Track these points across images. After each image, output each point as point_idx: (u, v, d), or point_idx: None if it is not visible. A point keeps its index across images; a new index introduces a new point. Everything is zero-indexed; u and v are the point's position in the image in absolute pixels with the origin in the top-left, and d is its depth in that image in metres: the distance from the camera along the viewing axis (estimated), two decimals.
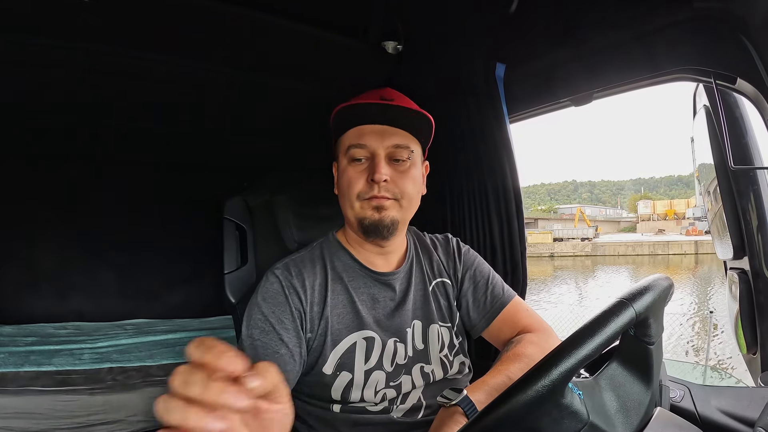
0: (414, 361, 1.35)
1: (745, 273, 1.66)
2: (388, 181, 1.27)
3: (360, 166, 1.30)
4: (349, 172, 1.30)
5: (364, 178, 1.28)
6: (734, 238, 1.64)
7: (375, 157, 1.28)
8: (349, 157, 1.31)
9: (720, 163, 1.65)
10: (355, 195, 1.29)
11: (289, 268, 1.33)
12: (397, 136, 1.30)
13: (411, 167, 1.33)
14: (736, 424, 1.39)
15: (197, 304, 4.21)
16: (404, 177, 1.30)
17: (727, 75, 1.25)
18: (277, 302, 1.25)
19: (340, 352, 1.27)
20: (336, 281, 1.35)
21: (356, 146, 1.29)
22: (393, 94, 1.37)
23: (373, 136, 1.29)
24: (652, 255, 47.07)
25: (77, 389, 2.47)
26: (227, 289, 1.61)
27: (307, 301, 1.28)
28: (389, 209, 1.29)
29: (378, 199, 1.28)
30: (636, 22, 1.42)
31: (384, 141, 1.28)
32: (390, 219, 1.29)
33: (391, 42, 1.92)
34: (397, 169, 1.30)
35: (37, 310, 3.79)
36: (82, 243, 3.99)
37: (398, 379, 1.31)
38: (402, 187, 1.30)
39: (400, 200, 1.31)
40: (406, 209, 1.34)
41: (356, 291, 1.35)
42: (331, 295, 1.32)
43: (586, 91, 1.68)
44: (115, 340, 3.35)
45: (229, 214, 1.66)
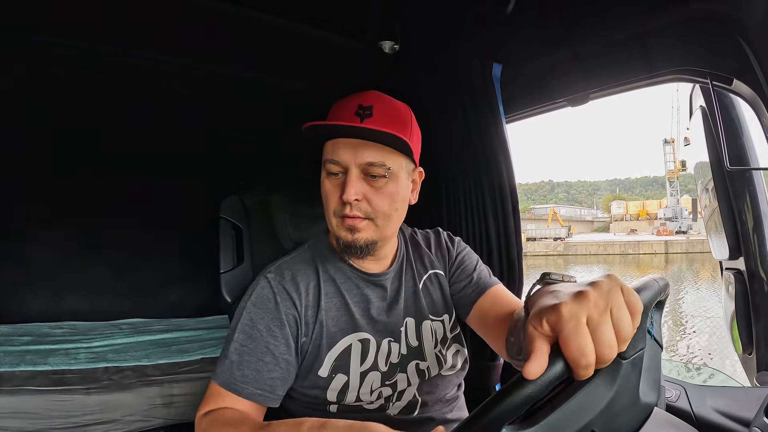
0: (409, 359, 1.35)
1: (741, 273, 1.66)
2: (359, 200, 1.22)
3: (336, 180, 1.25)
4: (326, 186, 1.26)
5: (338, 194, 1.23)
6: (730, 239, 1.64)
7: (347, 174, 1.22)
8: (326, 170, 1.26)
9: (716, 164, 1.66)
10: (331, 211, 1.26)
11: (282, 271, 1.31)
12: (372, 151, 1.21)
13: (388, 183, 1.25)
14: (732, 424, 1.39)
15: (193, 304, 4.20)
16: (379, 194, 1.24)
17: (723, 76, 1.25)
18: (266, 308, 1.24)
19: (335, 355, 1.26)
20: (329, 284, 1.33)
21: (331, 161, 1.23)
22: (372, 98, 1.28)
23: (347, 151, 1.21)
24: (623, 254, 48.25)
25: (73, 389, 2.46)
26: (223, 289, 1.61)
27: (302, 305, 1.26)
28: (363, 231, 1.25)
29: (351, 219, 1.23)
30: (633, 22, 1.42)
31: (357, 157, 1.20)
32: (364, 240, 1.26)
33: (388, 42, 1.92)
34: (372, 185, 1.23)
35: (32, 310, 3.78)
36: (77, 242, 3.97)
37: (393, 377, 1.31)
38: (376, 206, 1.24)
39: (375, 219, 1.25)
40: (384, 227, 1.28)
41: (349, 293, 1.34)
42: (324, 298, 1.30)
43: (582, 91, 1.69)
44: (111, 340, 3.35)
45: (226, 214, 1.66)
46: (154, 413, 2.54)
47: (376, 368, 1.29)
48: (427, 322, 1.42)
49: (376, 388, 1.28)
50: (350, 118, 1.22)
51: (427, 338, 1.40)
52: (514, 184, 1.87)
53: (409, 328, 1.38)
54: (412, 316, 1.40)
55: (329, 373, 1.25)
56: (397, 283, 1.42)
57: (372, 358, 1.30)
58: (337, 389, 1.25)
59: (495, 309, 1.38)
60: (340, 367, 1.26)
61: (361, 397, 1.26)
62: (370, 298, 1.36)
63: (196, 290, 4.22)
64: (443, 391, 1.39)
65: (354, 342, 1.29)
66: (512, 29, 1.70)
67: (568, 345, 0.62)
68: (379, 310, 1.36)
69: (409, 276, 1.46)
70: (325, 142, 1.28)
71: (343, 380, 1.25)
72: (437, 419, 1.36)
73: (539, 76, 1.82)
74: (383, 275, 1.39)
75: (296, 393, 1.29)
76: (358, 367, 1.27)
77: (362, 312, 1.34)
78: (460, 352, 1.46)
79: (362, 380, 1.27)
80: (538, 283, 0.89)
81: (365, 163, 1.20)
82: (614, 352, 0.63)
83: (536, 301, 0.75)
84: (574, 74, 1.67)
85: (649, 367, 0.86)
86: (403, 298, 1.41)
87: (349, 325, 1.30)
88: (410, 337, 1.38)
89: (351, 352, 1.28)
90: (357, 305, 1.34)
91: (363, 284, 1.37)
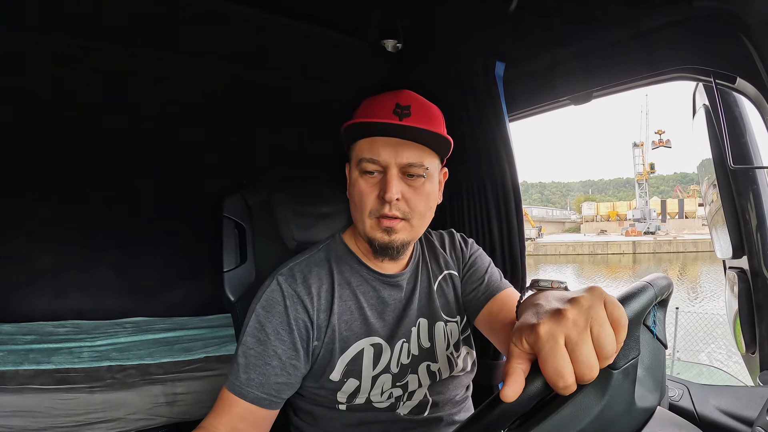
0: (420, 360, 1.34)
1: (744, 272, 1.66)
2: (399, 199, 1.20)
3: (371, 180, 1.22)
4: (360, 185, 1.23)
5: (375, 194, 1.21)
6: (733, 238, 1.64)
7: (387, 173, 1.20)
8: (360, 169, 1.23)
9: (719, 163, 1.65)
10: (366, 212, 1.23)
11: (294, 274, 1.28)
12: (412, 151, 1.20)
13: (425, 183, 1.24)
14: (735, 423, 1.39)
15: (196, 303, 4.20)
16: (417, 194, 1.23)
17: (726, 74, 1.25)
18: (275, 312, 1.21)
19: (347, 359, 1.25)
20: (343, 287, 1.31)
21: (368, 160, 1.20)
22: (410, 98, 1.26)
23: (387, 150, 1.19)
24: (591, 254, 48.99)
25: (76, 387, 2.46)
26: (226, 288, 1.60)
27: (314, 309, 1.24)
28: (400, 232, 1.24)
29: (389, 219, 1.21)
30: (636, 21, 1.42)
31: (397, 156, 1.19)
32: (400, 242, 1.25)
33: (390, 40, 1.92)
34: (411, 184, 1.22)
35: (36, 308, 3.78)
36: (81, 241, 3.98)
37: (404, 378, 1.30)
38: (414, 206, 1.23)
39: (411, 220, 1.24)
40: (418, 227, 1.28)
41: (365, 296, 1.32)
42: (338, 301, 1.28)
43: (585, 90, 1.68)
44: (114, 339, 3.35)
45: (228, 213, 1.66)
46: (158, 412, 2.54)
47: (388, 371, 1.28)
48: (441, 323, 1.40)
49: (387, 389, 1.28)
50: (388, 116, 1.20)
51: (439, 339, 1.38)
52: (517, 183, 1.87)
53: (421, 328, 1.37)
54: (425, 317, 1.39)
55: (341, 377, 1.24)
56: (412, 283, 1.41)
57: (385, 362, 1.28)
58: (348, 392, 1.24)
59: (503, 313, 1.36)
60: (351, 372, 1.25)
61: (371, 398, 1.26)
62: (386, 300, 1.34)
63: (199, 289, 4.22)
64: (453, 392, 1.39)
65: (366, 347, 1.27)
66: (515, 27, 1.70)
67: (546, 366, 0.61)
68: (394, 312, 1.35)
69: (424, 276, 1.45)
70: (357, 140, 1.26)
71: (355, 384, 1.24)
72: (446, 420, 1.35)
73: (542, 75, 1.82)
74: (400, 276, 1.38)
75: (305, 391, 1.28)
76: (370, 371, 1.26)
77: (377, 315, 1.32)
78: (470, 354, 1.47)
79: (374, 383, 1.26)
80: (528, 289, 0.89)
81: (405, 163, 1.19)
82: (594, 371, 0.62)
83: (522, 313, 0.76)
84: (577, 72, 1.67)
85: (651, 368, 0.86)
86: (418, 298, 1.40)
87: (363, 329, 1.28)
88: (422, 338, 1.36)
89: (363, 356, 1.26)
90: (372, 308, 1.32)
91: (380, 286, 1.35)
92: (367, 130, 1.22)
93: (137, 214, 4.09)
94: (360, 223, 1.27)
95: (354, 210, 1.29)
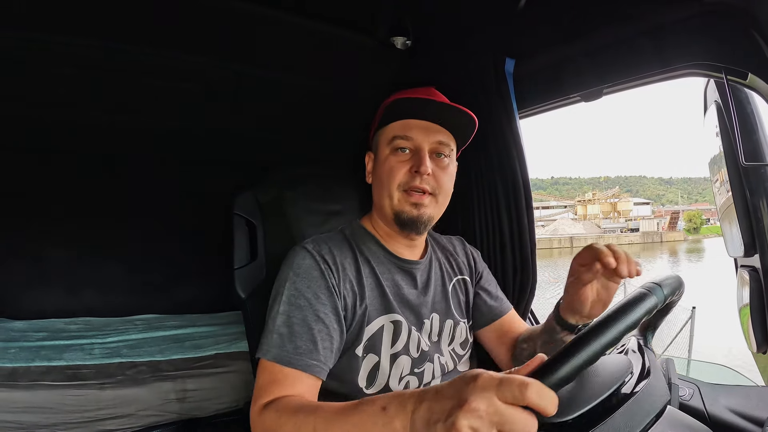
0: (433, 351, 1.38)
1: (756, 271, 1.64)
2: (430, 174, 1.30)
3: (403, 157, 1.33)
4: (391, 161, 1.34)
5: (406, 168, 1.32)
6: (745, 236, 1.63)
7: (420, 151, 1.32)
8: (392, 147, 1.34)
9: (731, 160, 1.64)
10: (395, 184, 1.32)
11: (319, 243, 1.32)
12: (442, 133, 1.35)
13: (450, 164, 1.38)
14: (746, 423, 1.38)
15: (207, 300, 4.21)
16: (444, 173, 1.35)
17: (738, 70, 1.24)
18: (311, 276, 1.23)
19: (369, 334, 1.28)
20: (365, 264, 1.36)
21: (402, 137, 1.33)
22: (438, 96, 1.43)
23: (420, 131, 1.33)
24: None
25: (87, 384, 2.48)
26: (237, 285, 1.61)
27: (339, 278, 1.26)
28: (427, 206, 1.33)
29: (418, 194, 1.31)
30: (646, 17, 1.41)
31: (429, 137, 1.33)
32: (427, 216, 1.33)
33: (400, 38, 1.92)
34: (438, 164, 1.34)
35: (47, 306, 3.81)
36: (92, 239, 4.00)
37: (422, 366, 1.33)
38: (441, 182, 1.34)
39: (437, 195, 1.34)
40: (441, 205, 1.38)
41: (383, 275, 1.36)
42: (363, 276, 1.32)
43: (596, 86, 1.68)
44: (125, 335, 3.37)
45: (239, 210, 1.66)
46: (168, 408, 2.55)
47: (407, 352, 1.31)
48: (450, 321, 1.46)
49: (404, 375, 1.30)
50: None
51: (444, 336, 1.43)
52: (528, 180, 1.86)
53: (433, 323, 1.41)
54: (438, 313, 1.44)
55: (363, 352, 1.26)
56: (426, 276, 1.47)
57: (403, 342, 1.31)
58: (368, 370, 1.26)
59: (512, 332, 1.51)
60: (372, 347, 1.28)
61: (390, 385, 1.28)
62: (400, 283, 1.39)
63: (209, 286, 4.23)
64: None
65: (386, 323, 1.31)
66: (525, 24, 1.70)
67: None
68: (410, 298, 1.39)
69: (438, 273, 1.51)
70: (388, 123, 1.37)
71: (374, 360, 1.27)
72: None
73: (552, 71, 1.81)
74: (415, 264, 1.44)
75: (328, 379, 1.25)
76: (388, 348, 1.30)
77: (394, 295, 1.36)
78: (472, 358, 1.52)
79: (392, 363, 1.29)
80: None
81: (436, 141, 1.34)
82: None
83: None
84: (587, 69, 1.66)
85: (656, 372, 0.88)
86: (432, 293, 1.45)
87: (384, 306, 1.32)
88: (433, 332, 1.41)
89: (383, 332, 1.30)
90: (389, 288, 1.36)
91: (395, 269, 1.40)
92: (406, 111, 1.34)
93: (148, 212, 4.11)
94: (387, 199, 1.35)
95: (380, 188, 1.38)
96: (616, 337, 0.72)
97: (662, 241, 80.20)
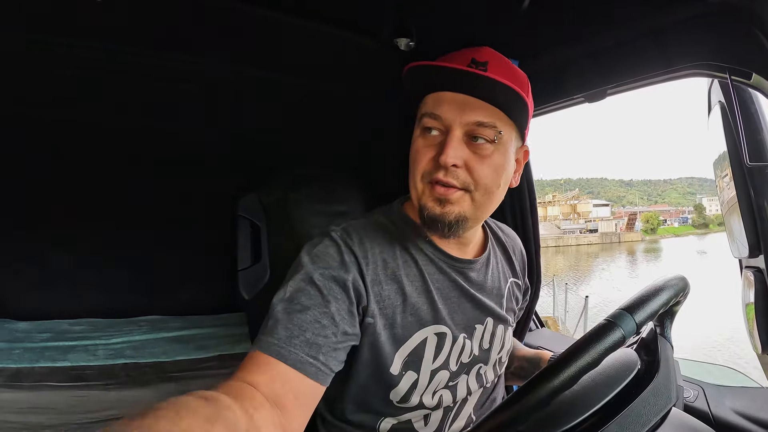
0: (476, 362, 1.23)
1: (761, 272, 1.64)
2: (458, 166, 1.02)
3: (430, 139, 1.07)
4: (418, 144, 1.09)
5: (431, 155, 1.05)
6: (750, 236, 1.62)
7: (448, 133, 1.03)
8: (421, 126, 1.09)
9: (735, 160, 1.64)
10: (419, 173, 1.07)
11: (349, 233, 1.11)
12: (482, 111, 1.03)
13: (495, 152, 1.05)
14: (751, 425, 1.38)
15: (210, 301, 4.21)
16: (483, 163, 1.04)
17: (742, 70, 1.24)
18: (328, 265, 1.03)
19: (408, 350, 1.10)
20: (409, 264, 1.14)
21: (430, 115, 1.06)
22: (488, 54, 1.11)
23: (452, 107, 1.03)
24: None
25: (91, 385, 2.49)
26: (240, 286, 1.61)
27: (368, 278, 1.06)
28: (456, 203, 1.05)
29: (443, 188, 1.04)
30: (649, 17, 1.41)
31: (464, 114, 1.02)
32: (455, 215, 1.05)
33: (403, 39, 1.92)
34: (476, 151, 1.04)
35: (52, 307, 3.82)
36: (96, 240, 4.00)
37: (456, 379, 1.18)
38: (478, 176, 1.04)
39: (473, 192, 1.05)
40: (481, 204, 1.08)
41: (431, 277, 1.15)
42: (405, 279, 1.11)
43: (599, 87, 1.67)
44: (129, 337, 3.38)
45: (243, 212, 1.67)
46: None
47: (447, 366, 1.15)
48: (502, 327, 1.29)
49: (439, 389, 1.15)
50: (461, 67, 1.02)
51: (496, 343, 1.28)
52: (532, 182, 1.87)
53: (487, 328, 1.25)
54: (492, 317, 1.26)
55: (400, 371, 1.09)
56: (482, 277, 1.26)
57: (445, 355, 1.15)
58: (404, 389, 1.10)
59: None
60: (411, 364, 1.10)
61: (424, 402, 1.12)
62: (451, 286, 1.18)
63: (213, 288, 4.23)
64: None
65: (430, 335, 1.12)
66: (528, 25, 1.70)
67: None
68: (461, 303, 1.20)
69: (496, 273, 1.31)
70: (424, 95, 1.11)
71: (413, 378, 1.10)
72: None
73: (556, 72, 1.80)
74: (471, 263, 1.22)
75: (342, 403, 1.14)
76: (430, 363, 1.12)
77: (444, 300, 1.16)
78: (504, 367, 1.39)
79: (431, 379, 1.13)
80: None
81: (473, 122, 1.02)
82: None
83: None
84: (591, 70, 1.66)
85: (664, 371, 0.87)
86: (487, 296, 1.25)
87: (429, 316, 1.13)
88: (484, 339, 1.24)
89: (425, 346, 1.12)
90: (439, 292, 1.15)
91: (447, 269, 1.18)
92: (432, 81, 1.08)
93: (152, 214, 4.10)
94: (413, 189, 1.11)
95: (409, 173, 1.12)
96: (569, 380, 0.70)
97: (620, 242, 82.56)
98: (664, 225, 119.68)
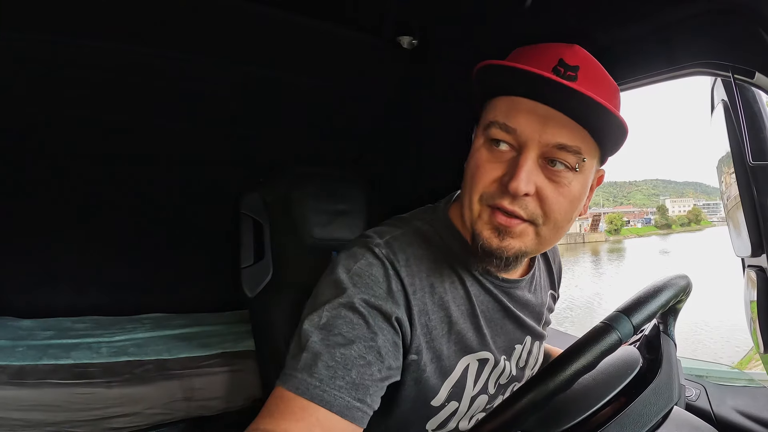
0: (512, 381, 1.14)
1: (764, 271, 1.64)
2: (529, 194, 0.85)
3: (498, 154, 0.88)
4: (481, 156, 0.90)
5: (496, 174, 0.87)
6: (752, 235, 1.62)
7: (522, 153, 0.85)
8: (487, 136, 0.90)
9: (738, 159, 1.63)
10: (477, 193, 0.89)
11: (394, 250, 0.94)
12: (567, 131, 0.84)
13: (574, 181, 0.88)
14: (753, 424, 1.38)
15: (213, 299, 4.21)
16: (559, 194, 0.87)
17: (745, 69, 1.23)
18: (373, 293, 0.87)
19: (453, 381, 0.99)
20: (456, 286, 1.01)
21: (500, 125, 0.87)
22: (580, 58, 0.89)
23: (530, 121, 0.84)
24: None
25: (94, 382, 2.49)
26: (243, 284, 1.61)
27: (415, 310, 0.91)
28: (517, 237, 0.89)
29: (506, 218, 0.87)
30: (652, 15, 1.40)
31: (544, 133, 0.84)
32: (514, 251, 0.89)
33: (406, 37, 1.92)
34: (551, 178, 0.87)
35: (55, 305, 3.81)
36: (99, 238, 4.00)
37: (494, 401, 1.09)
38: (550, 208, 0.87)
39: (540, 226, 0.89)
40: (546, 239, 0.92)
41: (477, 299, 1.02)
42: (453, 305, 0.98)
43: None
44: (133, 334, 3.37)
45: (246, 209, 1.67)
46: (175, 407, 2.56)
47: (486, 391, 1.06)
48: (538, 342, 1.20)
49: (477, 413, 1.06)
50: (545, 72, 0.81)
51: (531, 362, 1.18)
52: None
53: (525, 347, 1.15)
54: (531, 335, 1.16)
55: (443, 402, 0.99)
56: (527, 294, 1.14)
57: (484, 379, 1.05)
58: (443, 418, 1.00)
59: None
60: (455, 394, 1.00)
61: (459, 427, 1.04)
62: (497, 308, 1.06)
63: (216, 285, 4.21)
64: None
65: (472, 362, 1.02)
66: (531, 22, 1.69)
67: None
68: (503, 323, 1.09)
69: (539, 289, 1.20)
70: (493, 97, 0.93)
71: (454, 407, 1.00)
72: None
73: None
74: (517, 283, 1.09)
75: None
76: (471, 391, 1.02)
77: (488, 324, 1.04)
78: None
79: (470, 405, 1.03)
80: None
81: (555, 144, 0.84)
82: None
83: None
84: None
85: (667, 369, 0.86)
86: (529, 314, 1.15)
87: (474, 342, 1.02)
88: (521, 358, 1.15)
89: (467, 374, 1.01)
90: (483, 315, 1.03)
91: (494, 289, 1.05)
92: (511, 83, 0.88)
93: (154, 212, 4.11)
94: (467, 208, 0.93)
95: (464, 186, 0.95)
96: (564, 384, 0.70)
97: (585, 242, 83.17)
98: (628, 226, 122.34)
